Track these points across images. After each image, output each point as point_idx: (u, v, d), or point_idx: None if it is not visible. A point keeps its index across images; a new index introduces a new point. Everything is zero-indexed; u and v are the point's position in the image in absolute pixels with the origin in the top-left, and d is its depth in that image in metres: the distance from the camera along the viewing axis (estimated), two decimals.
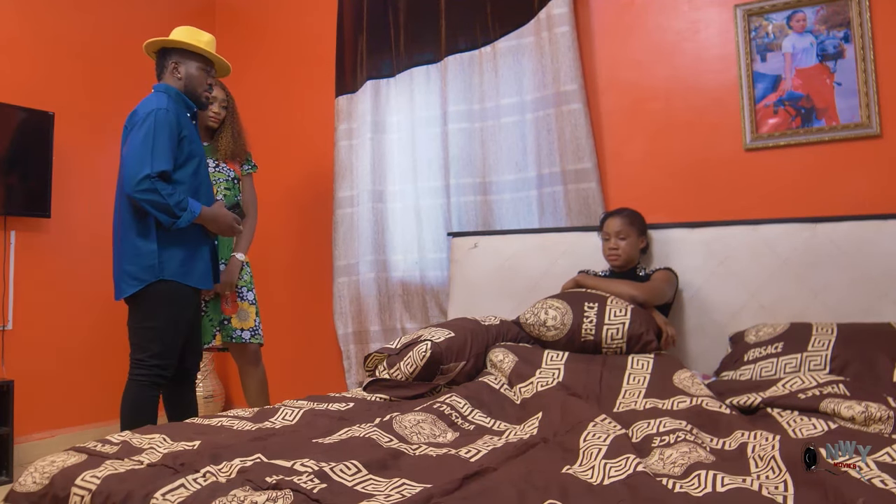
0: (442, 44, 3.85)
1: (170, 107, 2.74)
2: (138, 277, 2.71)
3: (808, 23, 3.05)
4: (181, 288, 2.75)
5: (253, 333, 3.32)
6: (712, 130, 3.24)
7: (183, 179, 2.76)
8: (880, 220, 2.70)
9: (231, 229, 2.93)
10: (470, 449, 1.75)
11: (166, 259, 2.71)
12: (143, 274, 2.70)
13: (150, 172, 2.60)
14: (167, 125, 2.69)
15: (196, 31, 2.93)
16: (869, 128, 2.92)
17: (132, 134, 2.71)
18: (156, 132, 2.66)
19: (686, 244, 3.01)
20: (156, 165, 2.62)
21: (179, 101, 2.85)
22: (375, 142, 4.02)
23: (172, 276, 2.72)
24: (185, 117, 2.82)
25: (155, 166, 2.62)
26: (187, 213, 2.68)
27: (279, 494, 1.34)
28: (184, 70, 2.88)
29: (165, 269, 2.71)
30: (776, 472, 1.46)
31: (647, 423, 1.90)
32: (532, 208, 3.58)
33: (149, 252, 2.70)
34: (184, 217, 2.67)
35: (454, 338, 2.56)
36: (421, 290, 3.89)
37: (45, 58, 3.97)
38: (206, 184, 2.91)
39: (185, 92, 2.88)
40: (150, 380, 2.74)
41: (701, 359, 2.88)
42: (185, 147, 2.77)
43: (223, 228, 2.89)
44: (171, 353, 2.78)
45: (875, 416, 1.82)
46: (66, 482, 1.54)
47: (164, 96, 2.79)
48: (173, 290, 2.74)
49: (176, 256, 2.73)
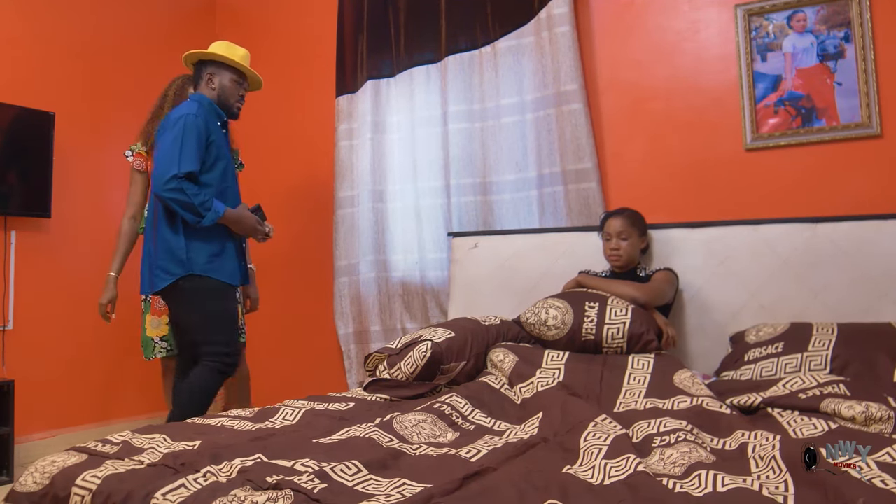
0: (442, 44, 3.85)
1: (199, 113, 2.87)
2: (169, 271, 2.84)
3: (809, 23, 3.05)
4: (211, 282, 2.87)
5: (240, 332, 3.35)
6: (713, 130, 3.24)
7: (210, 182, 2.89)
8: (881, 220, 2.70)
9: (254, 231, 3.02)
10: (470, 449, 1.75)
11: (194, 254, 2.84)
12: (174, 268, 2.84)
13: (178, 172, 2.74)
14: (195, 129, 2.82)
15: (232, 46, 3.08)
16: (869, 128, 2.92)
17: (163, 137, 2.85)
18: (184, 135, 2.80)
19: (686, 244, 3.01)
20: (183, 166, 2.75)
21: (211, 110, 2.98)
22: (376, 142, 4.02)
23: (201, 270, 2.85)
24: (214, 124, 2.95)
25: (182, 167, 2.75)
26: (211, 212, 2.80)
27: (279, 494, 1.34)
28: (218, 81, 3.03)
29: (194, 263, 2.84)
30: (777, 472, 1.46)
31: (648, 423, 1.90)
32: (532, 208, 3.58)
33: (178, 247, 2.84)
34: (208, 216, 2.80)
35: (454, 338, 2.56)
36: (421, 290, 3.89)
37: (45, 58, 3.98)
38: (232, 187, 3.02)
39: (217, 102, 3.03)
40: (217, 367, 2.87)
41: (701, 359, 2.88)
42: (213, 151, 2.90)
43: (247, 230, 2.99)
44: (233, 342, 2.94)
45: (875, 416, 1.82)
46: (67, 482, 1.54)
47: (195, 104, 2.93)
48: (204, 285, 2.86)
49: (203, 252, 2.86)
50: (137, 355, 4.30)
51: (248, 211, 3.01)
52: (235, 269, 2.98)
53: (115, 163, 4.32)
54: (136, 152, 3.35)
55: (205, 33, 4.94)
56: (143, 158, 3.34)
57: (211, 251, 2.88)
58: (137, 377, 4.35)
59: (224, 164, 2.96)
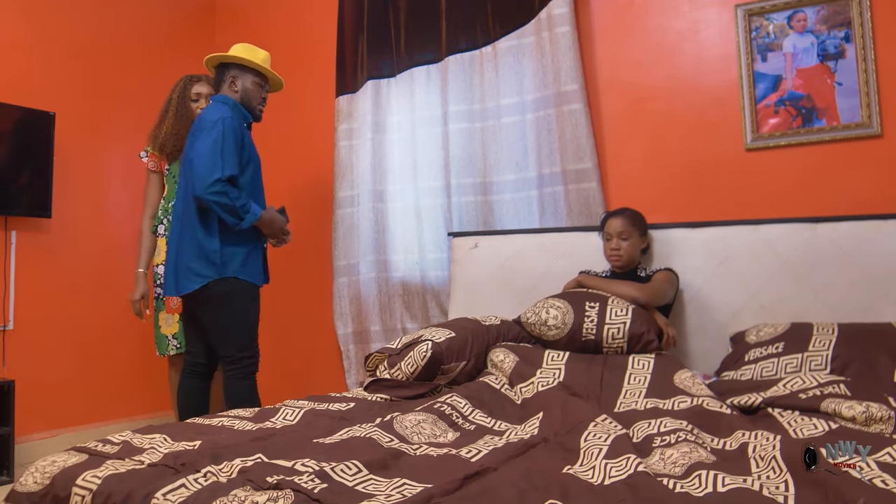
0: (442, 44, 3.85)
1: (233, 116, 2.93)
2: (202, 274, 2.87)
3: (809, 23, 3.05)
4: (243, 284, 2.93)
5: None
6: (713, 130, 3.24)
7: (244, 184, 2.94)
8: (881, 220, 2.70)
9: (281, 232, 3.09)
10: (470, 449, 1.75)
11: (228, 257, 2.89)
12: (207, 270, 2.87)
13: (221, 176, 2.79)
14: (233, 132, 2.88)
15: (253, 49, 3.14)
16: (870, 128, 2.92)
17: (199, 139, 2.88)
18: (224, 138, 2.85)
19: (687, 244, 3.01)
20: (226, 170, 2.81)
21: (237, 112, 3.02)
22: (376, 142, 4.02)
23: (234, 273, 2.90)
24: (243, 126, 2.99)
25: (225, 170, 2.81)
26: (250, 215, 2.87)
27: (280, 494, 1.34)
28: (241, 84, 3.08)
29: (228, 266, 2.89)
30: (777, 472, 1.46)
31: (648, 423, 1.90)
32: (532, 208, 3.58)
33: (212, 250, 2.87)
34: (247, 219, 2.87)
35: (455, 338, 2.56)
36: (421, 290, 3.89)
37: (46, 58, 3.98)
38: (260, 188, 3.09)
39: (241, 104, 3.07)
40: (243, 372, 2.94)
41: (702, 359, 2.88)
42: (246, 154, 2.96)
43: (275, 231, 3.06)
44: (256, 346, 3.01)
45: (876, 416, 1.82)
46: (67, 482, 1.54)
47: (226, 107, 2.98)
48: (237, 287, 2.91)
49: (238, 255, 2.92)
50: (138, 355, 4.32)
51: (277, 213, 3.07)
52: (261, 269, 3.06)
53: (115, 163, 4.33)
54: (150, 153, 3.43)
55: (205, 33, 4.94)
56: (157, 159, 3.44)
57: (245, 253, 2.94)
58: (138, 377, 4.35)
59: (254, 167, 3.03)
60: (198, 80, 3.45)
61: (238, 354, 2.94)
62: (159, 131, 3.39)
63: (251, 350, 2.99)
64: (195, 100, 3.41)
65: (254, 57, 3.10)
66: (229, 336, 2.93)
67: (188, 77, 3.46)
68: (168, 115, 3.40)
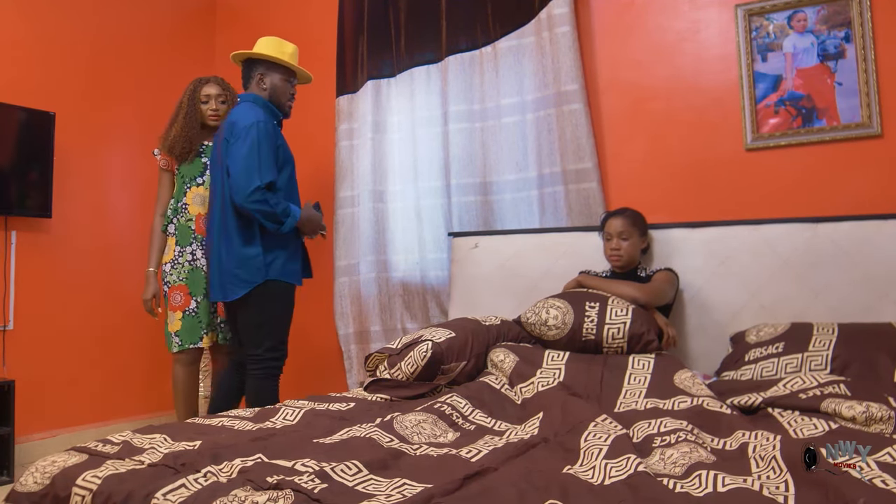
0: (442, 44, 3.85)
1: (266, 118, 2.97)
2: (247, 280, 2.95)
3: (809, 23, 3.05)
4: (284, 286, 3.01)
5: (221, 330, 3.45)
6: (713, 130, 3.24)
7: (280, 185, 2.99)
8: (881, 220, 2.70)
9: (318, 228, 3.15)
10: (471, 449, 1.75)
11: (270, 261, 2.97)
12: (252, 276, 2.94)
13: (260, 184, 2.84)
14: (268, 136, 2.92)
15: (280, 43, 3.15)
16: (870, 128, 2.92)
17: (235, 146, 2.91)
18: (259, 144, 2.89)
19: (687, 244, 3.01)
20: (264, 177, 2.86)
21: (269, 111, 3.06)
22: (376, 142, 4.02)
23: (277, 275, 2.97)
24: (276, 128, 3.04)
25: (263, 178, 2.86)
26: (290, 218, 2.94)
27: (280, 494, 1.34)
28: (269, 81, 3.10)
29: (270, 270, 2.96)
30: (777, 473, 1.46)
31: (648, 423, 1.90)
32: (533, 208, 3.58)
33: (255, 255, 2.95)
34: (287, 223, 2.93)
35: (455, 338, 2.56)
36: (422, 290, 3.89)
37: (46, 58, 3.98)
38: (295, 188, 3.14)
39: (269, 101, 3.10)
40: (266, 372, 3.00)
41: (702, 359, 2.88)
42: (281, 154, 3.00)
43: (314, 229, 3.12)
44: (285, 348, 3.07)
45: (876, 416, 1.82)
46: (67, 482, 1.54)
47: (258, 108, 3.01)
48: (279, 289, 3.00)
49: (279, 258, 2.99)
50: (138, 355, 4.32)
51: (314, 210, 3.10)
52: (299, 269, 3.10)
53: (115, 163, 4.33)
54: (161, 152, 3.43)
55: (205, 33, 4.94)
56: (168, 158, 3.42)
57: (285, 256, 3.01)
58: (138, 377, 4.35)
59: (290, 167, 3.07)
60: (206, 81, 3.44)
61: (265, 355, 3.00)
62: (169, 133, 3.39)
63: (279, 352, 3.04)
64: (205, 101, 3.40)
65: (281, 52, 3.11)
66: (259, 336, 2.99)
67: (198, 80, 3.46)
68: (178, 118, 3.38)
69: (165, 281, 3.36)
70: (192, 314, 3.31)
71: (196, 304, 3.32)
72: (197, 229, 3.37)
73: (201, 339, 3.33)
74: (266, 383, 3.01)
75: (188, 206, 3.38)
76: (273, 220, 2.90)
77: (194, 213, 3.37)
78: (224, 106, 3.42)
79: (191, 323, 3.31)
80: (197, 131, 3.37)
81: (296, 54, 3.19)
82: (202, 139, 3.42)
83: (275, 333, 3.03)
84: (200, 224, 3.37)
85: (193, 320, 3.31)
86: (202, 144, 3.41)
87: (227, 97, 3.44)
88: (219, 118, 3.41)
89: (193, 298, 3.32)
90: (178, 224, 3.37)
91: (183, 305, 3.31)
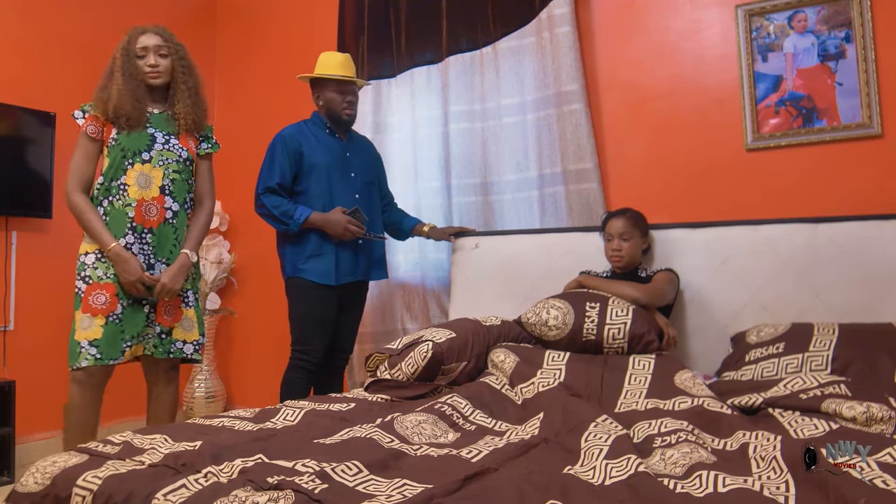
0: (443, 44, 3.85)
1: (292, 130, 3.23)
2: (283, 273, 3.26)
3: (810, 23, 3.05)
4: (299, 281, 3.18)
5: (196, 348, 2.86)
6: (713, 131, 3.24)
7: (305, 189, 3.19)
8: (882, 220, 2.70)
9: (346, 231, 3.12)
10: (471, 449, 1.75)
11: (290, 259, 3.20)
12: (284, 272, 3.25)
13: (259, 191, 3.14)
14: (283, 144, 3.17)
15: (329, 56, 3.31)
16: (870, 128, 2.92)
17: None
18: (272, 154, 3.19)
19: (687, 244, 3.00)
20: (265, 183, 3.14)
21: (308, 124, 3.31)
22: (376, 142, 4.00)
23: (293, 272, 3.19)
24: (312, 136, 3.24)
25: (261, 185, 3.15)
26: (294, 220, 3.09)
27: (280, 495, 1.34)
28: (323, 97, 3.29)
29: (289, 265, 3.21)
30: (778, 473, 1.46)
31: (649, 424, 1.90)
32: (533, 208, 3.58)
33: (280, 254, 3.27)
34: (291, 223, 3.10)
35: (455, 338, 2.56)
36: (422, 291, 3.89)
37: (46, 58, 3.98)
38: (339, 189, 3.23)
39: (327, 115, 3.30)
40: (293, 363, 3.20)
41: (702, 359, 2.88)
42: (305, 160, 3.18)
43: (338, 231, 3.13)
44: (308, 341, 3.18)
45: (877, 417, 1.82)
46: (68, 482, 1.54)
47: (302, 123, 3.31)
48: (296, 285, 3.20)
49: (299, 255, 3.17)
50: None
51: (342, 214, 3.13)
52: (331, 269, 3.16)
53: None
54: (89, 115, 2.77)
55: (205, 33, 4.94)
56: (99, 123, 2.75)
57: (307, 253, 3.16)
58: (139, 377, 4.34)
59: (323, 171, 3.19)
60: (143, 31, 2.84)
61: (293, 347, 3.20)
62: (105, 94, 2.72)
63: (300, 345, 3.18)
64: (141, 55, 2.78)
65: (327, 66, 3.26)
66: (291, 327, 3.23)
67: (134, 28, 2.87)
68: (115, 76, 2.74)
69: (84, 276, 2.73)
70: (116, 321, 2.67)
71: (122, 308, 2.68)
72: (136, 218, 2.69)
73: (123, 354, 2.70)
74: (291, 374, 3.18)
75: (128, 187, 2.69)
76: (276, 221, 3.13)
77: (135, 196, 2.68)
78: (165, 60, 2.79)
79: (112, 332, 2.66)
80: (143, 92, 2.75)
81: (345, 62, 3.29)
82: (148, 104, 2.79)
83: (296, 327, 3.21)
84: (141, 212, 2.70)
85: (116, 329, 2.67)
86: (149, 111, 2.78)
87: (170, 49, 2.83)
88: (159, 75, 2.78)
89: (121, 302, 2.67)
90: (112, 208, 2.69)
91: (107, 310, 2.66)
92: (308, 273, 3.15)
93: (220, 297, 4.70)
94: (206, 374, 4.55)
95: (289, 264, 3.21)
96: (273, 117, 4.57)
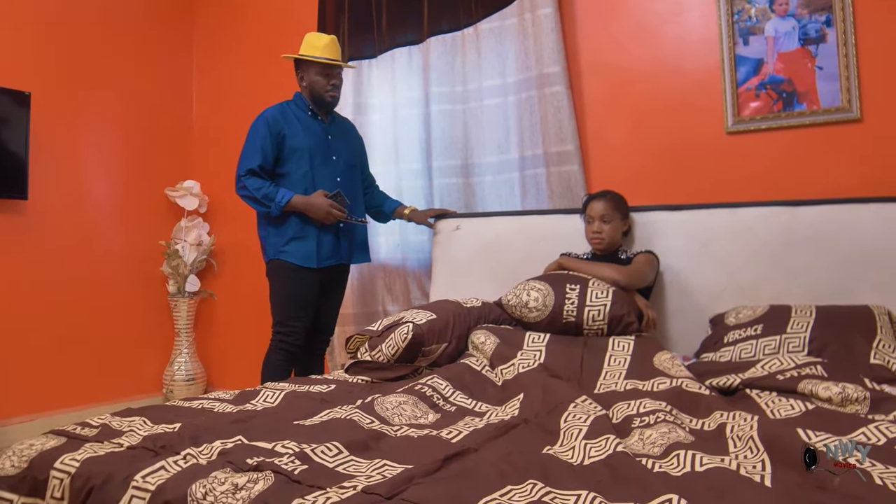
0: (424, 25, 3.82)
1: (273, 111, 3.20)
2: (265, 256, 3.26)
3: (791, 6, 3.05)
4: (279, 263, 3.18)
5: None
6: (694, 113, 3.24)
7: (286, 171, 3.18)
8: (858, 203, 2.72)
9: (328, 215, 3.12)
10: (451, 430, 1.75)
11: (271, 242, 3.21)
12: (265, 254, 3.25)
13: (241, 173, 3.12)
14: (258, 128, 3.15)
15: (315, 37, 3.26)
16: (849, 112, 2.94)
17: None
18: (252, 137, 3.16)
19: (667, 227, 3.02)
20: (247, 164, 3.12)
21: (291, 105, 3.28)
22: (357, 123, 3.98)
23: (275, 255, 3.19)
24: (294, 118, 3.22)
25: (241, 167, 3.14)
26: (275, 202, 3.07)
27: (260, 476, 1.34)
28: (306, 79, 3.26)
29: (269, 249, 3.22)
30: (754, 452, 1.47)
31: (628, 405, 1.91)
32: (514, 191, 3.58)
33: (262, 236, 3.26)
34: (273, 206, 3.09)
35: (436, 320, 2.56)
36: (403, 273, 3.89)
37: (22, 37, 3.91)
38: (321, 172, 3.22)
39: (310, 97, 3.26)
40: (273, 345, 3.21)
41: (681, 341, 2.90)
42: (287, 143, 3.17)
43: (319, 214, 3.12)
44: (289, 323, 3.18)
45: (852, 397, 1.84)
46: (45, 465, 1.53)
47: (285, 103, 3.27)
48: (277, 268, 3.20)
49: (279, 237, 3.17)
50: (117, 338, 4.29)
51: (324, 197, 3.12)
52: (312, 252, 3.17)
53: (93, 144, 4.27)
54: None
55: (184, 12, 4.88)
56: None
57: (288, 236, 3.16)
58: (117, 360, 4.32)
59: (305, 153, 3.18)
60: None
61: (274, 329, 3.21)
62: None
63: (281, 327, 3.19)
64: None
65: (312, 47, 3.22)
66: (274, 311, 3.23)
67: None
68: None
69: None
70: None
71: None
72: None
73: None
74: (271, 356, 3.19)
75: None
76: (258, 204, 3.11)
77: None
78: None
79: None
80: None
81: (331, 45, 3.23)
82: None
83: (277, 310, 3.22)
84: None
85: None
86: None
87: None
88: None
89: None
90: None
91: None
92: (289, 255, 3.16)
93: (200, 280, 4.67)
94: (185, 356, 4.53)
95: (270, 247, 3.21)
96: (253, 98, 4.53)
